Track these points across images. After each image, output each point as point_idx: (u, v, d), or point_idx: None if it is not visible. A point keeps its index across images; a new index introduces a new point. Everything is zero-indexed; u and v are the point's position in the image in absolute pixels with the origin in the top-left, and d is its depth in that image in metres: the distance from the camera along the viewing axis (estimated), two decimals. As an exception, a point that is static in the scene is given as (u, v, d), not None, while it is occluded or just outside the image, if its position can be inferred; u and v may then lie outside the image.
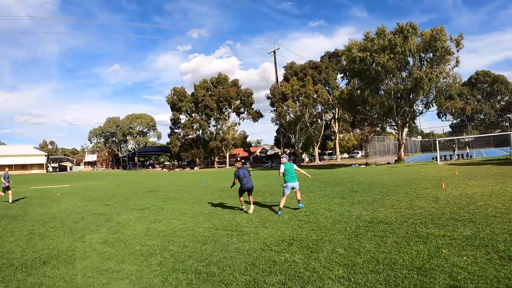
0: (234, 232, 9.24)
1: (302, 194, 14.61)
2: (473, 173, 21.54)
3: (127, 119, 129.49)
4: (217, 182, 28.85)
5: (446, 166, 30.42)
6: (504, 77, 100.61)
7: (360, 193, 15.63)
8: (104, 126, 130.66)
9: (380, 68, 36.97)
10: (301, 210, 12.08)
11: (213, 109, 75.97)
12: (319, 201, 14.03)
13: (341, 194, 15.42)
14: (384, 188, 16.88)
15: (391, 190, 15.74)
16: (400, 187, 16.84)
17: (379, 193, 15.03)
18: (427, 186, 16.39)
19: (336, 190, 17.33)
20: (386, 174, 25.89)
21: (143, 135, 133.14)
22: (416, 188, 15.96)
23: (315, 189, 18.24)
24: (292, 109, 61.72)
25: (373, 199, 13.55)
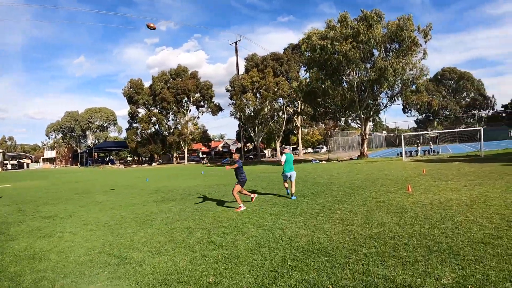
0: (117, 258, 6.96)
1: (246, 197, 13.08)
2: (443, 171, 18.86)
3: (86, 113, 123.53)
4: (160, 181, 26.16)
5: (412, 163, 27.81)
6: (470, 74, 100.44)
7: (308, 198, 12.76)
8: (62, 120, 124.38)
9: (342, 57, 34.16)
10: (222, 225, 9.27)
11: (170, 102, 72.44)
12: (253, 209, 11.22)
13: (284, 201, 12.46)
14: (340, 191, 14.04)
15: (346, 195, 12.91)
16: (358, 190, 14.02)
17: (331, 199, 12.18)
18: (391, 189, 13.56)
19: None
20: (346, 172, 23.08)
21: (103, 129, 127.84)
22: (377, 191, 13.15)
23: (258, 192, 15.27)
24: (251, 102, 58.46)
25: (321, 208, 10.66)
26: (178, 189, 18.92)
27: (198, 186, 20.23)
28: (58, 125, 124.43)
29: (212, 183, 21.32)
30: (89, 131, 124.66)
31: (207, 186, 19.59)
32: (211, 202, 13.44)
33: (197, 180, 24.89)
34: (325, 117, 45.53)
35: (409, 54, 33.84)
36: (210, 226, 9.23)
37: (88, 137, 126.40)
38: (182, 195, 16.24)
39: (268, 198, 13.32)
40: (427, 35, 34.10)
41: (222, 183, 21.14)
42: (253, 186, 17.66)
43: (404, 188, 13.24)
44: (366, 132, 40.16)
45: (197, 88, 75.32)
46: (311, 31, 36.20)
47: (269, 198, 13.32)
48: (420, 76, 35.17)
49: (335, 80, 37.20)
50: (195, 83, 74.88)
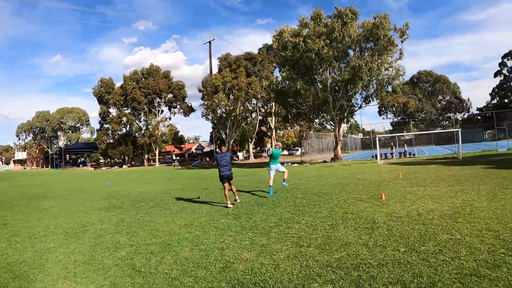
0: (17, 280, 5.90)
1: (202, 205, 12.54)
2: (420, 175, 17.30)
3: (57, 113, 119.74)
4: (120, 185, 24.35)
5: (387, 166, 26.31)
6: (446, 77, 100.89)
7: (266, 207, 11.04)
8: (33, 120, 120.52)
9: (314, 55, 32.48)
10: (154, 242, 7.75)
11: (141, 102, 70.25)
12: (200, 221, 9.58)
13: (238, 211, 10.74)
14: (304, 198, 12.33)
15: (311, 203, 11.21)
16: (326, 197, 12.33)
17: (292, 209, 10.46)
18: (362, 196, 11.90)
19: (239, 202, 12.51)
20: (316, 176, 21.38)
21: (75, 130, 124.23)
22: (346, 199, 11.49)
23: (216, 200, 13.58)
24: (223, 102, 56.50)
25: (277, 220, 8.95)
26: (131, 195, 17.32)
27: (155, 191, 18.60)
28: (28, 125, 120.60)
29: (170, 188, 19.71)
30: (61, 132, 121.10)
31: (163, 192, 18.03)
32: (157, 210, 11.90)
33: (158, 184, 23.31)
34: (297, 118, 43.76)
35: (385, 53, 32.45)
36: (141, 242, 7.77)
37: (59, 138, 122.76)
38: (133, 201, 14.70)
39: (221, 208, 11.55)
40: (403, 34, 32.78)
41: (181, 188, 19.59)
42: (209, 193, 16.01)
43: (377, 196, 11.61)
44: (340, 134, 38.57)
45: (169, 88, 73.40)
46: (283, 28, 34.45)
47: (222, 208, 11.57)
48: (396, 77, 33.80)
49: (307, 79, 35.52)
50: (167, 83, 72.89)
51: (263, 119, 66.77)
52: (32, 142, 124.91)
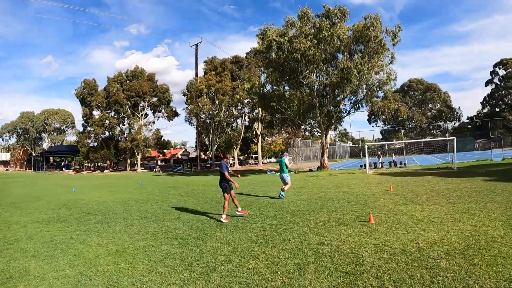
0: None
1: (152, 223, 10.65)
2: (414, 189, 15.13)
3: (42, 114, 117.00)
4: (86, 192, 22.38)
5: (376, 176, 24.11)
6: (436, 86, 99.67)
7: (224, 230, 8.89)
8: (17, 121, 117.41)
9: (300, 56, 30.15)
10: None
11: (123, 105, 67.73)
12: (122, 252, 7.43)
13: (189, 233, 8.73)
14: (276, 217, 10.21)
15: (282, 225, 9.11)
16: (302, 216, 10.18)
17: (255, 234, 8.33)
18: (346, 217, 9.70)
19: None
20: (298, 187, 19.22)
21: (60, 132, 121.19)
22: (326, 221, 9.31)
23: (171, 216, 11.52)
24: (206, 106, 54.13)
25: (229, 253, 6.86)
26: (88, 205, 15.50)
27: (116, 201, 16.71)
28: (12, 125, 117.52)
29: (135, 198, 17.75)
30: (45, 133, 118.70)
31: (124, 202, 16.13)
32: (100, 227, 10.22)
33: (125, 192, 21.15)
34: (283, 124, 41.38)
35: (375, 56, 30.39)
36: (47, 275, 6.06)
37: (43, 140, 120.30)
38: (82, 214, 12.95)
39: (171, 229, 9.42)
40: (395, 36, 30.79)
41: (145, 198, 17.54)
42: (169, 207, 13.84)
43: (364, 217, 9.44)
44: (327, 141, 36.25)
45: (154, 91, 71.34)
46: (267, 26, 32.24)
47: (173, 228, 9.45)
48: (387, 81, 31.73)
49: (293, 83, 33.25)
50: (151, 86, 70.74)
51: (249, 125, 64.67)
52: (16, 143, 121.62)
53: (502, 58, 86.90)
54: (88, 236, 9.05)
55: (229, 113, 58.06)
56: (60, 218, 12.06)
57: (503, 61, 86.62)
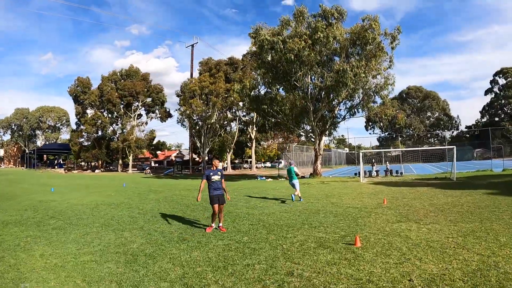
0: None
1: (111, 232, 9.69)
2: (410, 202, 13.65)
3: (37, 111, 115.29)
4: (64, 193, 21.62)
5: (370, 186, 22.64)
6: (435, 93, 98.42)
7: (187, 245, 7.60)
8: (11, 117, 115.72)
9: (294, 57, 28.66)
10: None
11: (116, 104, 66.43)
12: (60, 268, 6.29)
13: (143, 249, 7.52)
14: (248, 233, 8.88)
15: (251, 244, 7.77)
16: (278, 233, 8.78)
17: (215, 255, 6.96)
18: (329, 236, 8.29)
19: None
20: (284, 196, 17.71)
21: (54, 130, 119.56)
22: (304, 241, 7.92)
23: (137, 225, 10.38)
24: (198, 108, 52.66)
25: (174, 280, 5.58)
26: (56, 207, 14.62)
27: (89, 204, 15.74)
28: (6, 122, 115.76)
29: (110, 201, 16.66)
30: (40, 131, 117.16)
31: (96, 206, 15.16)
32: (54, 234, 9.48)
33: (102, 195, 20.02)
34: (276, 128, 39.81)
35: (373, 60, 29.04)
36: None
37: (38, 137, 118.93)
38: (45, 217, 12.14)
39: (127, 241, 8.18)
40: (394, 39, 29.49)
41: (120, 202, 16.33)
42: (147, 210, 12.44)
43: (350, 237, 8.02)
44: (321, 147, 34.56)
45: (148, 91, 70.04)
46: (259, 25, 30.71)
47: (129, 241, 8.25)
48: (385, 86, 30.40)
49: (286, 85, 31.91)
50: (145, 86, 69.39)
51: (243, 129, 63.29)
52: (10, 140, 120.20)
53: (503, 67, 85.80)
54: (36, 243, 8.34)
55: (222, 116, 56.67)
56: (20, 221, 11.43)
57: (503, 70, 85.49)
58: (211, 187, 9.33)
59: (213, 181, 9.31)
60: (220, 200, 9.33)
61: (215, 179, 9.35)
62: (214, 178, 9.35)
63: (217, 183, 9.37)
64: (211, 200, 9.28)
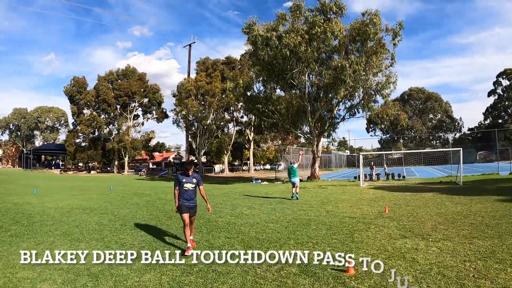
0: None
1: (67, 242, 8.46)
2: (415, 211, 12.01)
3: (35, 111, 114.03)
4: (46, 195, 20.08)
5: (370, 190, 20.99)
6: (438, 95, 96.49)
7: (124, 267, 6.01)
8: (9, 117, 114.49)
9: (289, 52, 26.99)
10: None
11: (111, 105, 65.12)
12: None
13: (77, 269, 6.06)
14: (220, 250, 7.23)
15: (221, 265, 6.25)
16: (256, 250, 7.06)
17: (167, 283, 5.56)
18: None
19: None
20: (275, 202, 16.04)
21: (53, 131, 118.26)
22: (283, 265, 6.35)
23: (100, 235, 8.74)
24: (194, 108, 51.15)
25: None
26: (29, 211, 13.38)
27: (63, 208, 14.38)
28: (4, 121, 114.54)
29: (86, 205, 15.12)
30: (38, 131, 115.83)
31: (69, 210, 13.78)
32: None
33: (83, 198, 18.31)
34: (271, 129, 38.05)
35: (373, 56, 27.46)
36: None
37: (36, 138, 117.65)
38: (11, 222, 11.13)
39: (71, 258, 6.55)
40: (396, 35, 27.86)
41: (97, 206, 14.94)
42: (121, 217, 11.11)
43: (341, 261, 6.28)
44: (319, 149, 33.03)
45: (144, 91, 68.80)
46: (253, 20, 28.94)
47: (73, 258, 6.57)
48: (387, 84, 28.68)
49: (282, 83, 30.22)
50: (142, 86, 68.19)
51: (241, 130, 61.82)
52: (8, 140, 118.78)
53: (506, 68, 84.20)
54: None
55: (218, 116, 55.19)
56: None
57: (507, 71, 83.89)
58: (182, 196, 7.72)
59: (185, 189, 7.75)
60: (191, 212, 7.78)
61: (188, 188, 7.77)
62: (187, 187, 7.77)
63: (190, 193, 7.75)
64: (180, 209, 7.69)
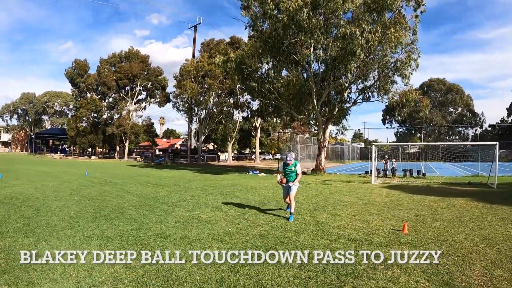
0: None
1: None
2: (449, 234, 7.79)
3: (43, 96, 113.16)
4: (8, 181, 18.03)
5: (383, 190, 16.73)
6: (459, 87, 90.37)
7: None
8: (18, 102, 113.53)
9: (287, 19, 22.39)
10: None
11: (110, 87, 62.00)
12: None
13: None
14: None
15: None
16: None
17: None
18: None
19: None
20: (250, 204, 12.26)
21: (61, 115, 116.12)
22: None
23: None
24: (191, 90, 47.22)
25: None
26: None
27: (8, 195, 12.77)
28: (13, 106, 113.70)
29: (24, 194, 13.17)
30: (46, 115, 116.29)
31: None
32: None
33: (37, 185, 16.39)
34: (273, 114, 33.56)
35: (391, 27, 22.75)
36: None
37: (44, 122, 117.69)
38: None
39: None
40: (419, 4, 23.33)
41: (36, 195, 12.97)
42: (55, 211, 7.55)
43: None
44: (325, 137, 28.43)
45: (147, 74, 65.65)
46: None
47: None
48: (407, 62, 23.87)
49: (283, 59, 25.56)
50: (143, 68, 64.86)
51: (247, 117, 57.88)
52: (15, 125, 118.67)
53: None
54: None
55: (221, 101, 51.25)
56: None
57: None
58: None
59: None
60: None
61: None
62: None
63: None
64: None
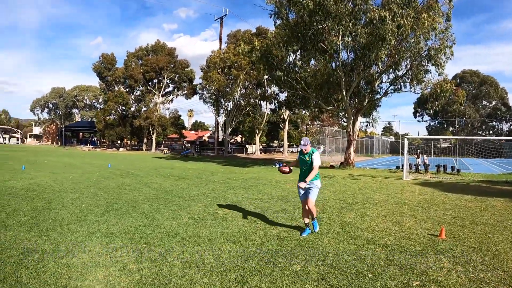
0: None
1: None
2: (491, 241, 6.82)
3: (73, 90, 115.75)
4: (31, 172, 18.25)
5: (416, 187, 15.61)
6: (493, 79, 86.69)
7: None
8: (48, 96, 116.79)
9: (314, 4, 21.26)
10: None
11: (137, 80, 62.59)
12: None
13: None
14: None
15: None
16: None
17: None
18: None
19: None
20: (273, 200, 11.19)
21: (91, 108, 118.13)
22: None
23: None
24: (215, 82, 46.71)
25: None
26: None
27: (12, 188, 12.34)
28: (44, 100, 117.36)
29: (42, 185, 13.25)
30: (76, 109, 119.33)
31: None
32: None
33: (59, 177, 16.28)
34: (301, 106, 32.34)
35: (424, 13, 21.19)
36: None
37: (74, 116, 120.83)
38: None
39: None
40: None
41: (53, 187, 12.82)
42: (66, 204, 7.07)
43: None
44: (355, 130, 27.17)
45: (174, 67, 65.76)
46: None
47: None
48: (442, 49, 22.37)
49: (310, 47, 24.29)
50: (170, 61, 65.14)
51: (275, 109, 57.21)
52: (47, 118, 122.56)
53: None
54: None
55: (248, 92, 50.60)
56: None
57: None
58: None
59: None
60: None
61: None
62: None
63: None
64: None
